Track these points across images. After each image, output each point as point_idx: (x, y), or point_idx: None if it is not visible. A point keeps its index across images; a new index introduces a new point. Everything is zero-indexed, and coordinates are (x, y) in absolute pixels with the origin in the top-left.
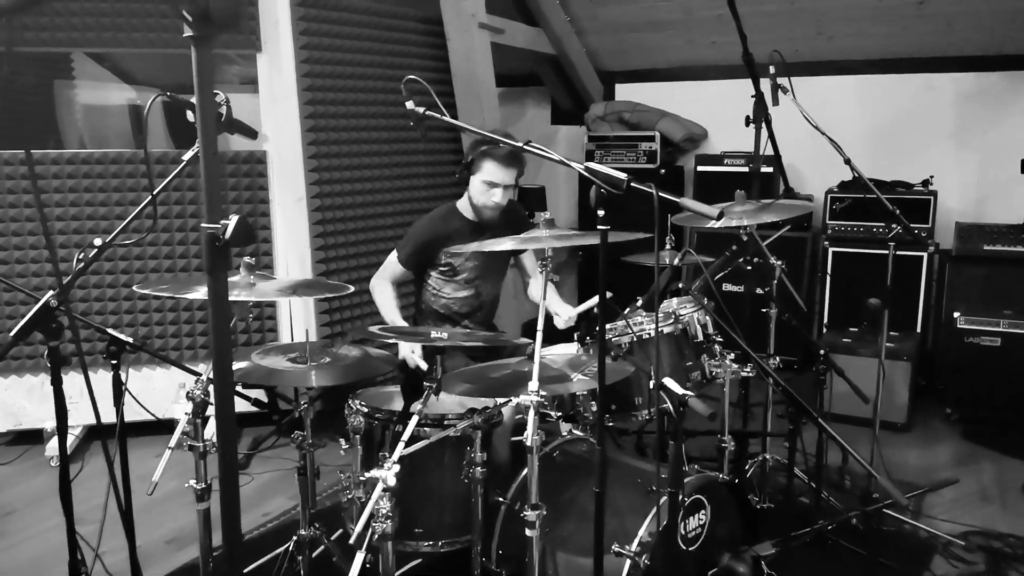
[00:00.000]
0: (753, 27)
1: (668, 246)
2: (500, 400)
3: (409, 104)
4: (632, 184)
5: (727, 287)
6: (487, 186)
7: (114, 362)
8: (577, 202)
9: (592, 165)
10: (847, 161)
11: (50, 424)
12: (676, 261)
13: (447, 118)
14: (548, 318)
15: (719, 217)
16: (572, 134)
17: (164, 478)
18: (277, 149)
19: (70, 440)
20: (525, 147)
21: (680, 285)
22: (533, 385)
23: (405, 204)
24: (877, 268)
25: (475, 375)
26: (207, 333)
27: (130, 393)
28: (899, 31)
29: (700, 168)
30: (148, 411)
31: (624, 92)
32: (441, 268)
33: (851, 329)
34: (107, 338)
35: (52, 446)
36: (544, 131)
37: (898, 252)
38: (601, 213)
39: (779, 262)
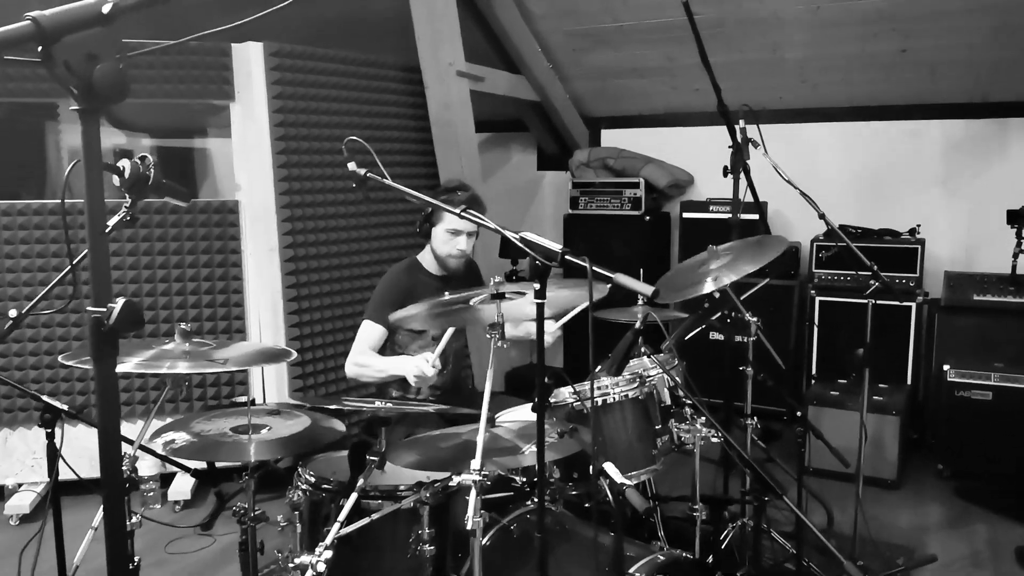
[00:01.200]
0: (736, 75)
1: (641, 301)
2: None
3: (350, 165)
4: (567, 256)
5: (713, 335)
6: (450, 235)
7: (48, 430)
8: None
9: (527, 235)
10: (821, 216)
11: (11, 480)
12: (638, 322)
13: (387, 180)
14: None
15: (654, 296)
16: (558, 180)
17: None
18: (249, 199)
19: (31, 497)
20: (461, 214)
21: (643, 348)
22: (475, 462)
23: (383, 253)
24: (865, 318)
25: (425, 445)
26: (144, 388)
27: (63, 459)
28: (883, 78)
29: (686, 215)
30: (75, 473)
31: (610, 138)
32: (411, 324)
33: (840, 381)
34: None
35: (12, 504)
36: (530, 177)
37: (886, 302)
38: (537, 287)
39: (755, 318)
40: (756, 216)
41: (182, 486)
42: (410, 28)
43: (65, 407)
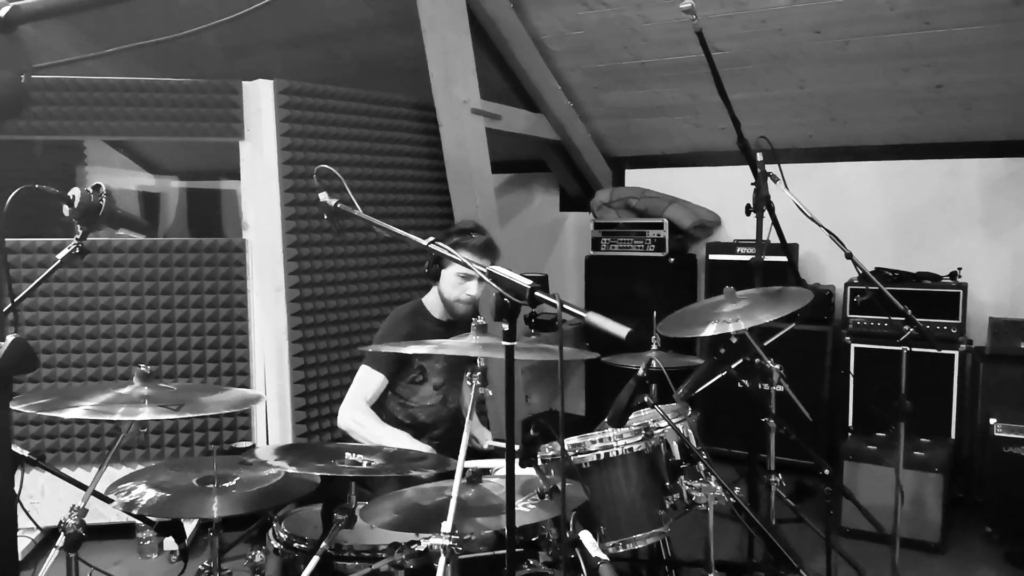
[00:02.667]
0: (761, 112)
1: (655, 346)
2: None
3: (322, 196)
4: (536, 293)
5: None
6: (460, 279)
7: None
8: (584, 290)
9: (496, 269)
10: (848, 256)
11: None
12: (640, 370)
13: (358, 212)
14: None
15: (628, 337)
16: (581, 221)
17: None
18: (257, 237)
19: (25, 544)
20: (428, 245)
21: (647, 397)
22: (446, 525)
23: (391, 295)
24: (901, 366)
25: (404, 502)
26: (99, 434)
27: (21, 505)
28: (916, 115)
29: (712, 256)
30: (34, 522)
31: (634, 178)
32: (412, 374)
33: (878, 434)
34: None
35: None
36: (552, 218)
37: (926, 350)
38: (506, 327)
39: (777, 366)
40: (784, 258)
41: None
42: (426, 67)
43: (26, 452)
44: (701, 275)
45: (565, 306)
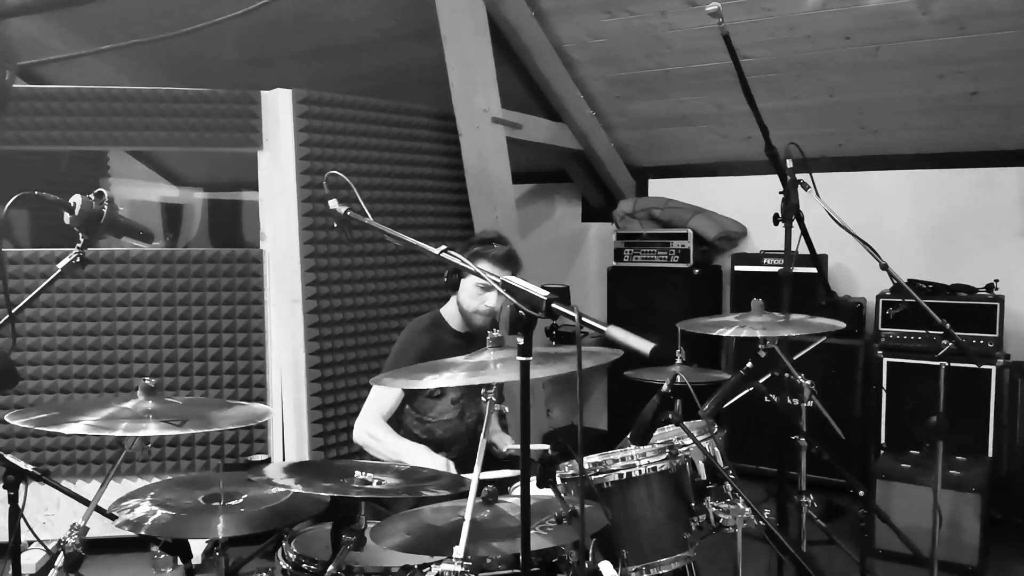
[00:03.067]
0: (790, 122)
1: (679, 360)
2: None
3: (332, 203)
4: (553, 305)
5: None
6: (480, 289)
7: (11, 493)
8: (606, 303)
9: (512, 280)
10: (884, 267)
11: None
12: (665, 385)
13: (369, 220)
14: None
15: (652, 353)
16: (604, 232)
17: None
18: (274, 248)
19: (39, 556)
20: (440, 254)
21: (670, 414)
22: (458, 550)
23: (411, 307)
24: (939, 382)
25: (418, 523)
26: (100, 447)
27: (25, 521)
28: (951, 123)
29: (737, 268)
30: (35, 535)
31: (658, 188)
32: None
33: (912, 452)
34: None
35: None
36: (575, 229)
37: (963, 365)
38: (521, 341)
39: (808, 381)
40: (814, 269)
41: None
42: (447, 77)
43: (30, 467)
44: (726, 287)
45: (585, 319)
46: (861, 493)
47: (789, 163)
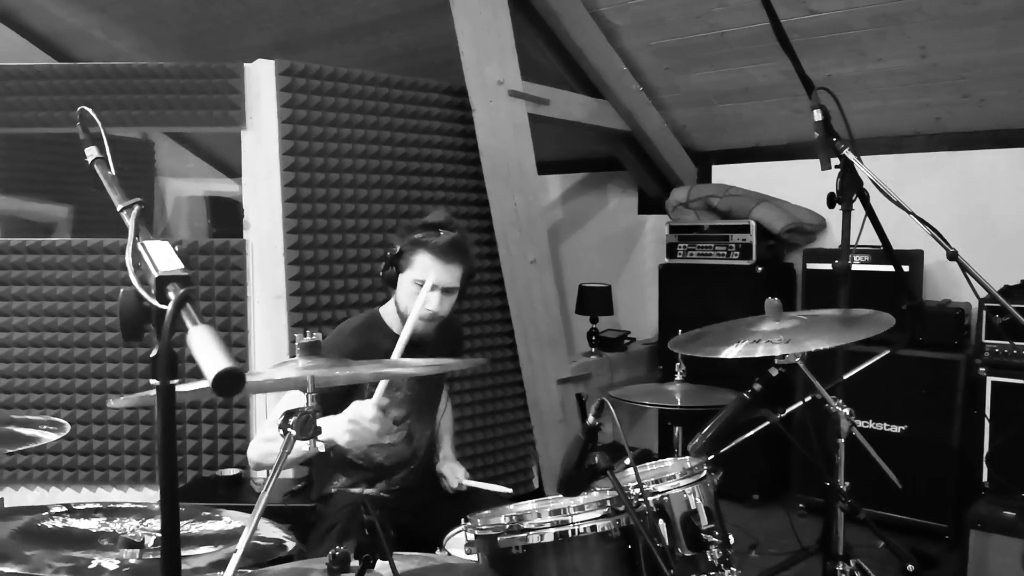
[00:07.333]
0: (875, 91)
1: (679, 376)
2: None
3: (89, 151)
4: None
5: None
6: (416, 286)
7: None
8: (658, 306)
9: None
10: (952, 255)
11: None
12: (590, 416)
13: (110, 173)
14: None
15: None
16: (661, 225)
17: None
18: (258, 238)
19: None
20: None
21: (596, 460)
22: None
23: None
24: None
25: None
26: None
27: None
28: None
29: (810, 266)
30: None
31: (722, 175)
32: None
33: (1022, 496)
34: None
35: None
36: (630, 222)
37: None
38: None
39: (846, 409)
40: (890, 267)
41: None
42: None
43: None
44: (798, 288)
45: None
46: (911, 568)
47: (817, 114)
